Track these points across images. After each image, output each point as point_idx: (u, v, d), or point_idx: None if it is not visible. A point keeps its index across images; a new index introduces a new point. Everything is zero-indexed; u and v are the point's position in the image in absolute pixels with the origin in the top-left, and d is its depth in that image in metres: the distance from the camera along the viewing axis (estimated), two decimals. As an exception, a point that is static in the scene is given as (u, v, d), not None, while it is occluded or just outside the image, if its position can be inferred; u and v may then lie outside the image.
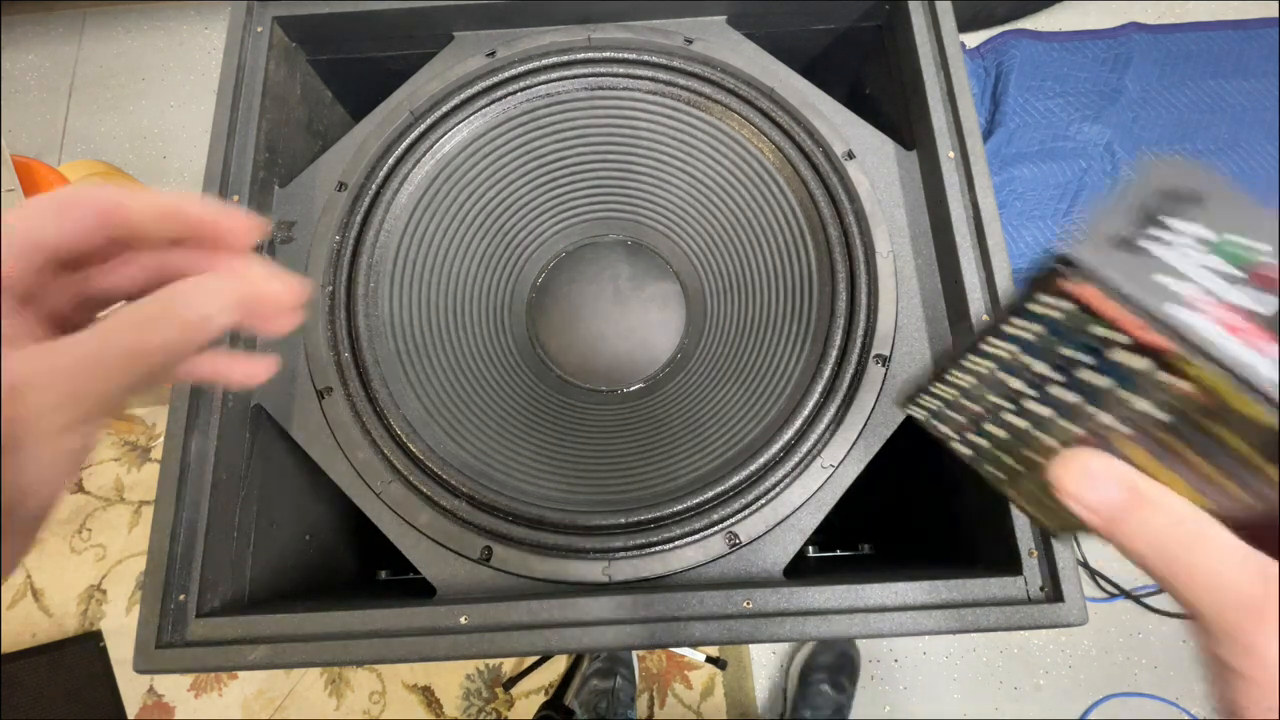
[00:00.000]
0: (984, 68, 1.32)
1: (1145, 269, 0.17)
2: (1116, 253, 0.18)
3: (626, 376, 0.59)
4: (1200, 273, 0.17)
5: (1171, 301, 0.17)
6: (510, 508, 0.46)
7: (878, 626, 0.41)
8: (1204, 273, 0.17)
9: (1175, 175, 0.19)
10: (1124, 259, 0.17)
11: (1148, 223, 0.18)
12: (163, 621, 0.43)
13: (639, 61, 0.56)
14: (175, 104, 1.40)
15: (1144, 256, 0.18)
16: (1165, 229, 0.18)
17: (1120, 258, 0.17)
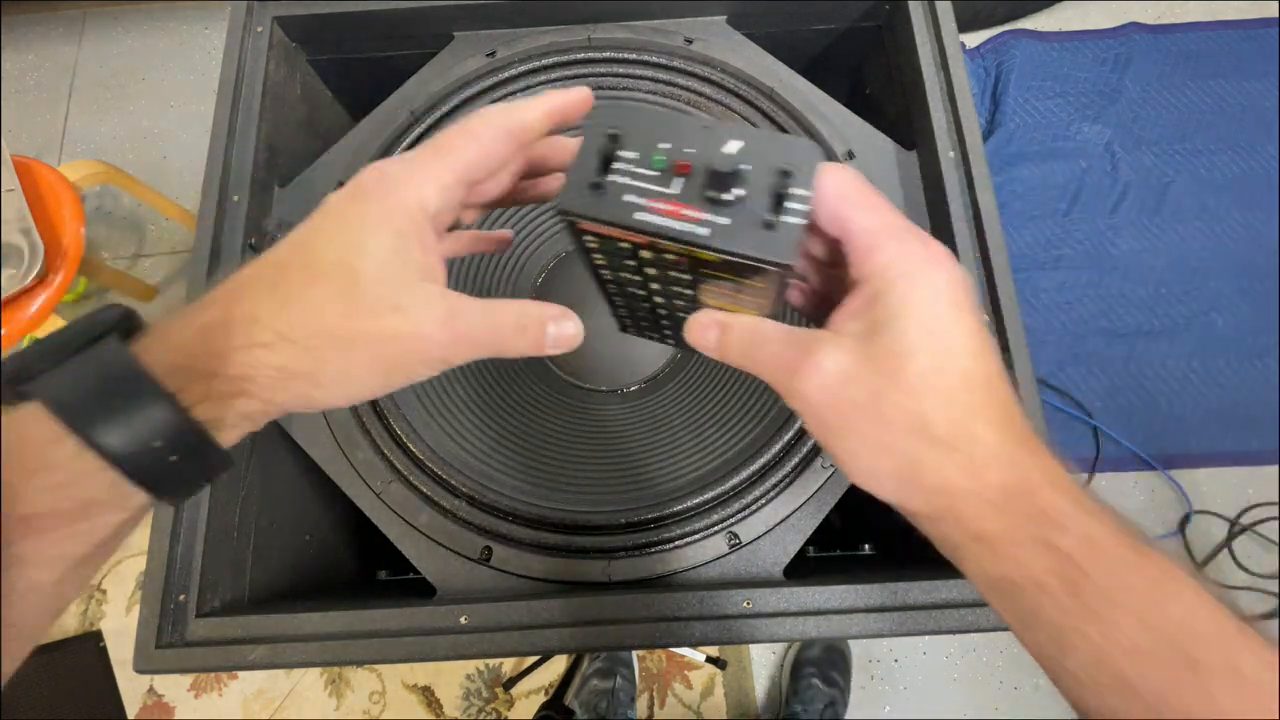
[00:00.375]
0: (984, 68, 1.32)
1: (617, 195, 0.24)
2: (594, 194, 0.24)
3: (626, 376, 0.59)
4: (650, 182, 0.24)
5: (637, 211, 0.24)
6: (510, 508, 0.46)
7: (878, 626, 0.41)
8: (649, 180, 0.24)
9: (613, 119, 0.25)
10: (601, 196, 0.24)
11: (604, 166, 0.25)
12: (163, 621, 0.43)
13: (639, 61, 0.56)
14: (175, 104, 1.40)
15: (612, 189, 0.24)
16: (621, 164, 0.25)
17: (598, 196, 0.24)
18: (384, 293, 0.23)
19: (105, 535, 0.21)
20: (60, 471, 0.20)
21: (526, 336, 0.26)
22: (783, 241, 0.23)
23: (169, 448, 0.21)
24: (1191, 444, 1.10)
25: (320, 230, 0.24)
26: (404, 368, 0.24)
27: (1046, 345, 1.15)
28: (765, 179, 0.24)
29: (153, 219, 1.32)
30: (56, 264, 0.87)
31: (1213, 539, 1.06)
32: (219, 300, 0.23)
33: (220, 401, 0.22)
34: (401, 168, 0.24)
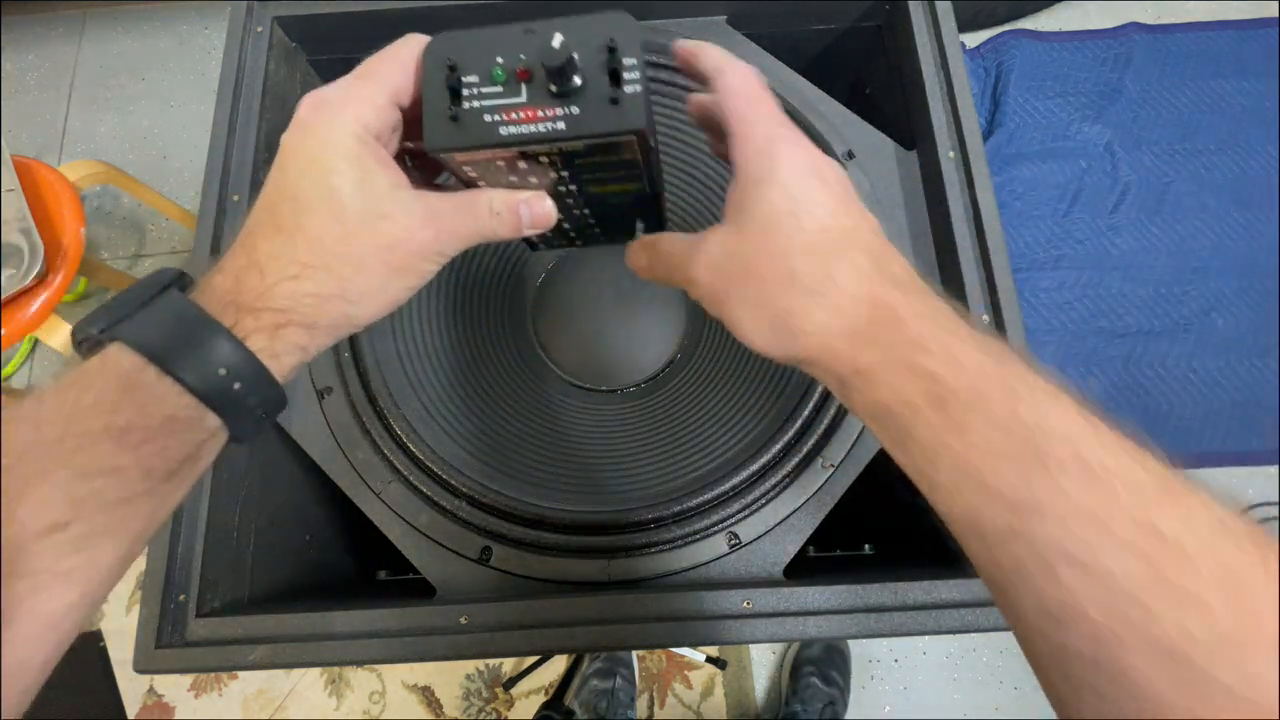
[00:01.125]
0: (984, 68, 1.32)
1: (476, 119, 0.26)
2: (456, 125, 0.26)
3: (626, 376, 0.59)
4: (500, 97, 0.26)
5: (500, 127, 0.26)
6: (510, 508, 0.46)
7: (878, 626, 0.41)
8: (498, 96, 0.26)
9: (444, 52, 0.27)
10: (462, 125, 0.26)
11: (455, 97, 0.26)
12: (163, 621, 0.43)
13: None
14: (175, 104, 1.40)
15: (469, 115, 0.26)
16: (469, 90, 0.26)
17: (460, 125, 0.26)
18: (367, 206, 0.26)
19: (186, 453, 0.25)
20: (145, 392, 0.23)
21: (504, 220, 0.29)
22: (629, 111, 0.26)
23: (232, 375, 0.24)
24: (1191, 444, 1.10)
25: (288, 168, 0.27)
26: (412, 268, 0.27)
27: (1046, 345, 1.15)
28: (597, 59, 0.26)
29: (153, 219, 1.32)
30: (56, 264, 0.87)
31: (1213, 539, 1.06)
32: (240, 249, 0.26)
33: (270, 334, 0.25)
34: (337, 93, 0.27)
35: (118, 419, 0.23)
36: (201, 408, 0.24)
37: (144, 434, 0.23)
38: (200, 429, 0.25)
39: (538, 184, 0.30)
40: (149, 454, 0.23)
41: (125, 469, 0.23)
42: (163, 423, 0.24)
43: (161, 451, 0.24)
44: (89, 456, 0.22)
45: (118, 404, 0.23)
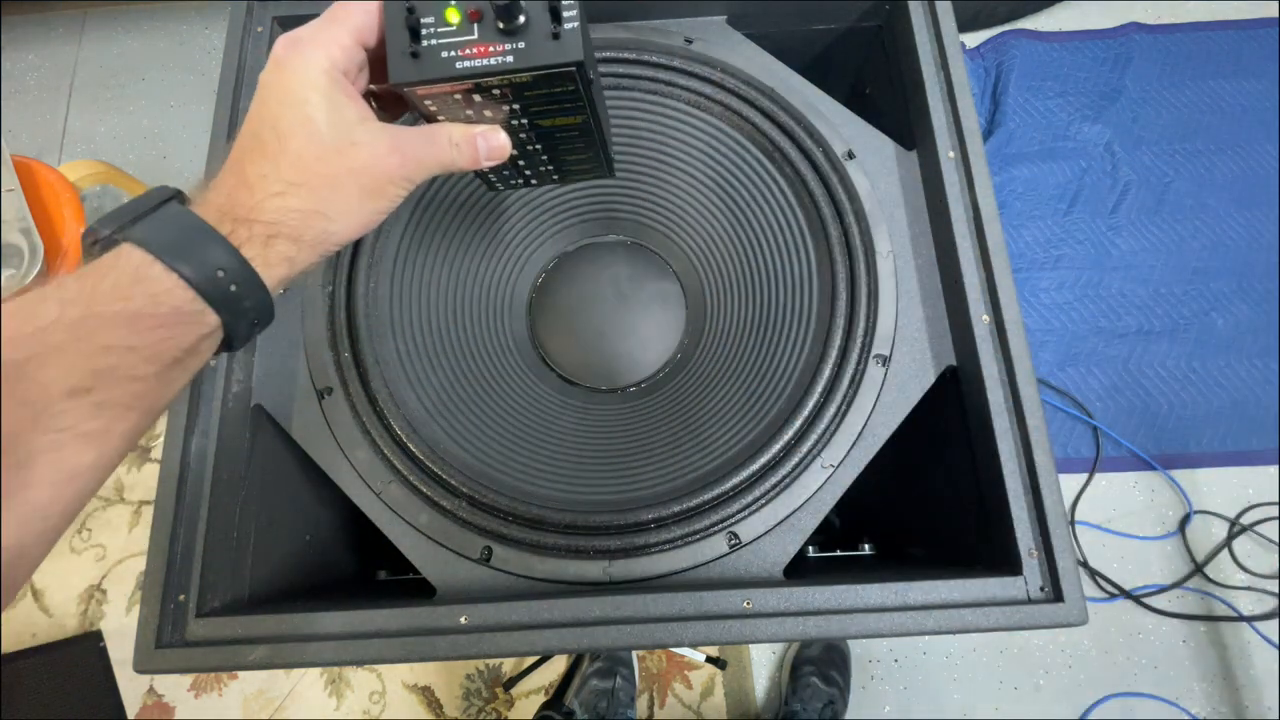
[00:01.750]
0: (984, 68, 1.32)
1: (435, 55, 0.30)
2: (417, 61, 0.30)
3: (627, 376, 0.59)
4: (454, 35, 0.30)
5: (457, 61, 0.30)
6: (510, 508, 0.46)
7: (878, 626, 0.41)
8: (453, 34, 0.30)
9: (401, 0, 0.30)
10: (422, 61, 0.30)
11: (414, 36, 0.30)
12: (163, 621, 0.43)
13: (639, 61, 0.56)
14: (175, 104, 1.40)
15: (428, 52, 0.30)
16: (426, 29, 0.30)
17: (421, 61, 0.30)
18: (339, 133, 0.29)
19: (189, 344, 0.27)
20: (154, 284, 0.26)
21: (463, 150, 0.33)
22: (568, 44, 0.29)
23: (229, 277, 0.27)
24: (1191, 444, 1.10)
25: (268, 100, 0.30)
26: (382, 190, 0.31)
27: (1046, 345, 1.15)
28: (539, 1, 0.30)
29: (153, 219, 1.32)
30: (56, 264, 0.87)
31: (1213, 539, 1.06)
32: (229, 172, 0.29)
33: (263, 243, 0.28)
34: (308, 33, 0.30)
35: (131, 305, 0.25)
36: (202, 303, 0.27)
37: (154, 320, 0.26)
38: (202, 323, 0.27)
39: (492, 118, 0.34)
40: (158, 339, 0.26)
41: (138, 349, 0.26)
42: (170, 312, 0.26)
43: (169, 339, 0.26)
44: (108, 334, 0.25)
45: (130, 293, 0.26)
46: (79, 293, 0.25)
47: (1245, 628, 1.01)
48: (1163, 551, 1.06)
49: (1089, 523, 1.07)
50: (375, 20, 0.31)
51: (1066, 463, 1.10)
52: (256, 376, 0.51)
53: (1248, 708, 0.98)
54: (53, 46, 1.45)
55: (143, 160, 1.35)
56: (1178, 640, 1.02)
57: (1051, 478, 0.44)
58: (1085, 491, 1.09)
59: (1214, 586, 1.03)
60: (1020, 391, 0.45)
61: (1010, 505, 0.44)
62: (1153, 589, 1.04)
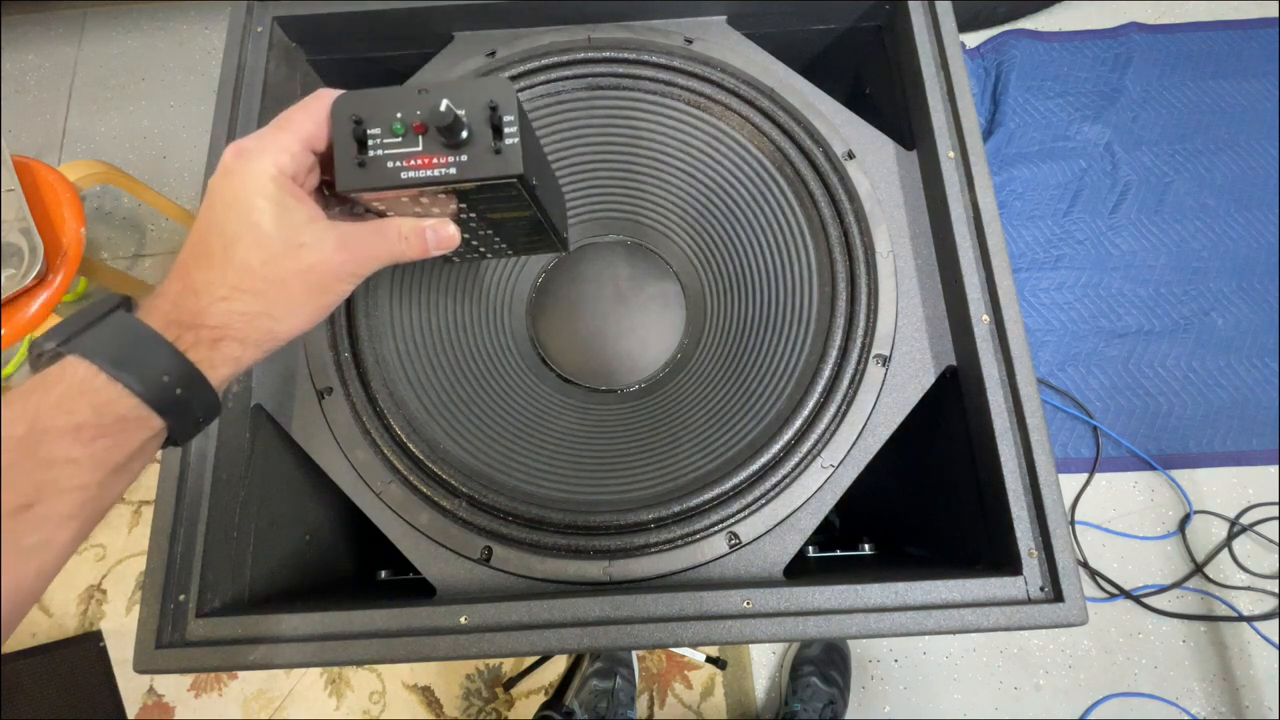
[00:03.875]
0: (984, 68, 1.32)
1: (381, 165, 0.31)
2: (363, 170, 0.31)
3: (627, 376, 0.59)
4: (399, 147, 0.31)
5: (402, 172, 0.31)
6: (510, 508, 0.46)
7: (878, 626, 0.41)
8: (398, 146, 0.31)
9: (351, 108, 0.31)
10: (369, 170, 0.31)
11: (361, 146, 0.31)
12: (163, 621, 0.43)
13: (639, 61, 0.56)
14: (175, 104, 1.40)
15: (374, 162, 0.31)
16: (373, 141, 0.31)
17: (367, 170, 0.31)
18: (286, 236, 0.30)
19: (133, 449, 0.28)
20: (99, 395, 0.27)
21: (411, 243, 0.34)
22: (509, 158, 0.31)
23: (174, 381, 0.28)
24: (1191, 444, 1.10)
25: (215, 206, 0.30)
26: (328, 287, 0.32)
27: (1046, 345, 1.15)
28: (481, 115, 0.31)
29: (153, 219, 1.32)
30: (56, 264, 0.87)
31: (1213, 539, 1.06)
32: (175, 278, 0.30)
33: (208, 346, 0.29)
34: (255, 142, 0.31)
35: (75, 418, 0.26)
36: (147, 409, 0.28)
37: (97, 431, 0.27)
38: (146, 428, 0.28)
39: (441, 213, 0.35)
40: (101, 448, 0.27)
41: (80, 460, 0.26)
42: (114, 422, 0.27)
43: (113, 447, 0.27)
44: (51, 448, 0.26)
45: (75, 405, 0.26)
46: (23, 410, 0.26)
47: (1245, 628, 1.01)
48: (1163, 551, 1.06)
49: (1089, 523, 1.07)
50: (324, 128, 0.32)
51: (1066, 463, 1.10)
52: (256, 377, 0.51)
53: (1248, 708, 0.98)
54: (53, 46, 1.45)
55: (143, 160, 1.35)
56: (1178, 640, 1.02)
57: (1051, 478, 0.44)
58: (1085, 491, 1.09)
59: (1214, 586, 1.03)
60: (1020, 391, 0.45)
61: (1010, 505, 0.44)
62: (1153, 589, 1.04)
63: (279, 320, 0.31)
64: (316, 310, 0.32)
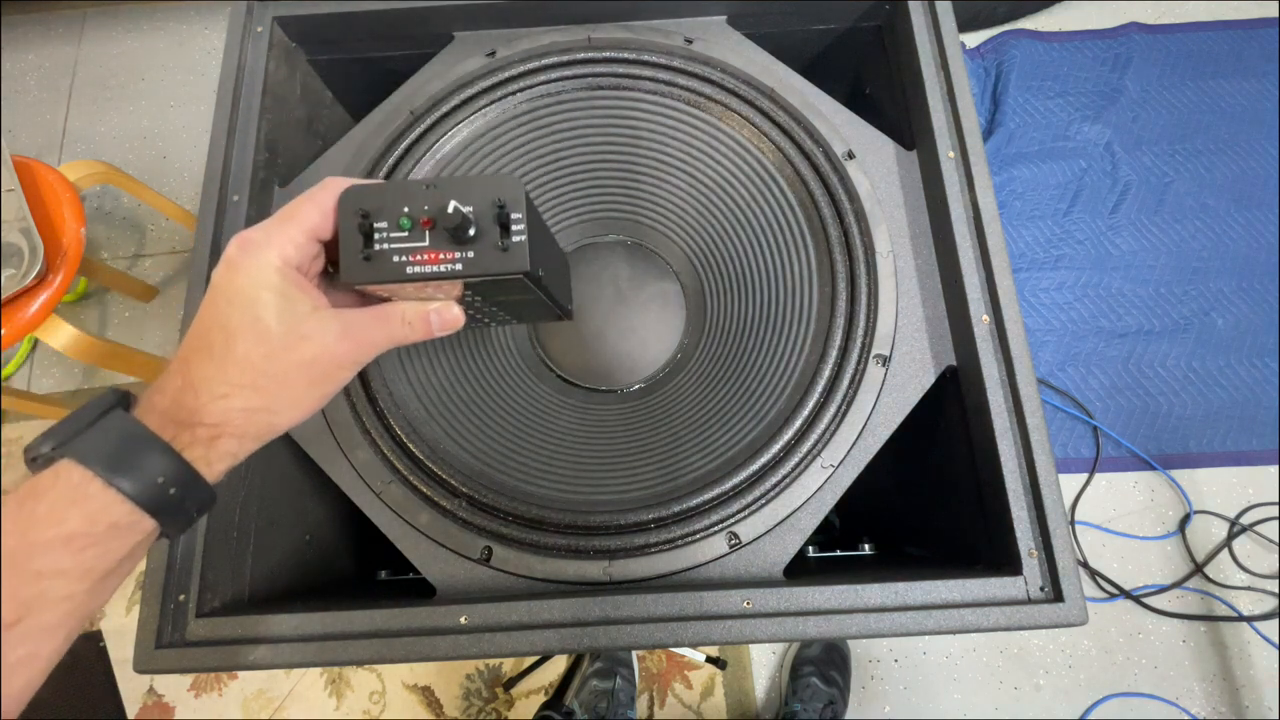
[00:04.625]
0: (984, 68, 1.32)
1: (387, 259, 0.31)
2: (369, 264, 0.31)
3: (627, 376, 0.59)
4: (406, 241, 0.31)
5: (408, 266, 0.31)
6: (510, 508, 0.46)
7: (878, 626, 0.41)
8: (405, 240, 0.31)
9: (358, 202, 0.31)
10: (374, 264, 0.31)
11: (367, 240, 0.31)
12: (163, 621, 0.43)
13: (639, 61, 0.56)
14: (175, 104, 1.40)
15: (380, 256, 0.31)
16: (380, 234, 0.31)
17: (373, 264, 0.31)
18: (288, 329, 0.30)
19: (123, 554, 0.28)
20: (92, 502, 0.27)
21: (416, 328, 0.33)
22: (516, 256, 0.31)
23: (169, 483, 0.28)
24: (1191, 444, 1.10)
25: (218, 300, 0.30)
26: (329, 378, 0.32)
27: (1046, 345, 1.15)
28: (489, 213, 0.31)
29: (153, 219, 1.32)
30: (56, 264, 0.87)
31: (1213, 539, 1.06)
32: (176, 373, 0.30)
33: (205, 444, 0.29)
34: (261, 234, 0.31)
35: (65, 528, 0.26)
36: (141, 513, 0.28)
37: (88, 539, 0.26)
38: (138, 532, 0.28)
39: (445, 296, 0.34)
40: (91, 557, 0.27)
41: (69, 571, 0.26)
42: (106, 529, 0.27)
43: (103, 554, 0.27)
44: (41, 561, 0.26)
45: (66, 515, 0.26)
46: (15, 521, 0.26)
47: (1245, 628, 1.01)
48: (1163, 551, 1.06)
49: (1089, 523, 1.07)
50: (330, 218, 0.31)
51: (1066, 463, 1.10)
52: (256, 376, 0.51)
53: (1248, 708, 0.98)
54: (53, 46, 1.45)
55: (143, 160, 1.35)
56: (1178, 640, 1.02)
57: (1051, 478, 0.44)
58: (1085, 491, 1.09)
59: (1214, 586, 1.03)
60: (1020, 391, 0.45)
61: (1010, 505, 0.44)
62: (1153, 589, 1.04)
63: (278, 414, 0.31)
64: (317, 400, 0.32)
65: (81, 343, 0.92)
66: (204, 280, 0.50)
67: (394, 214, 0.31)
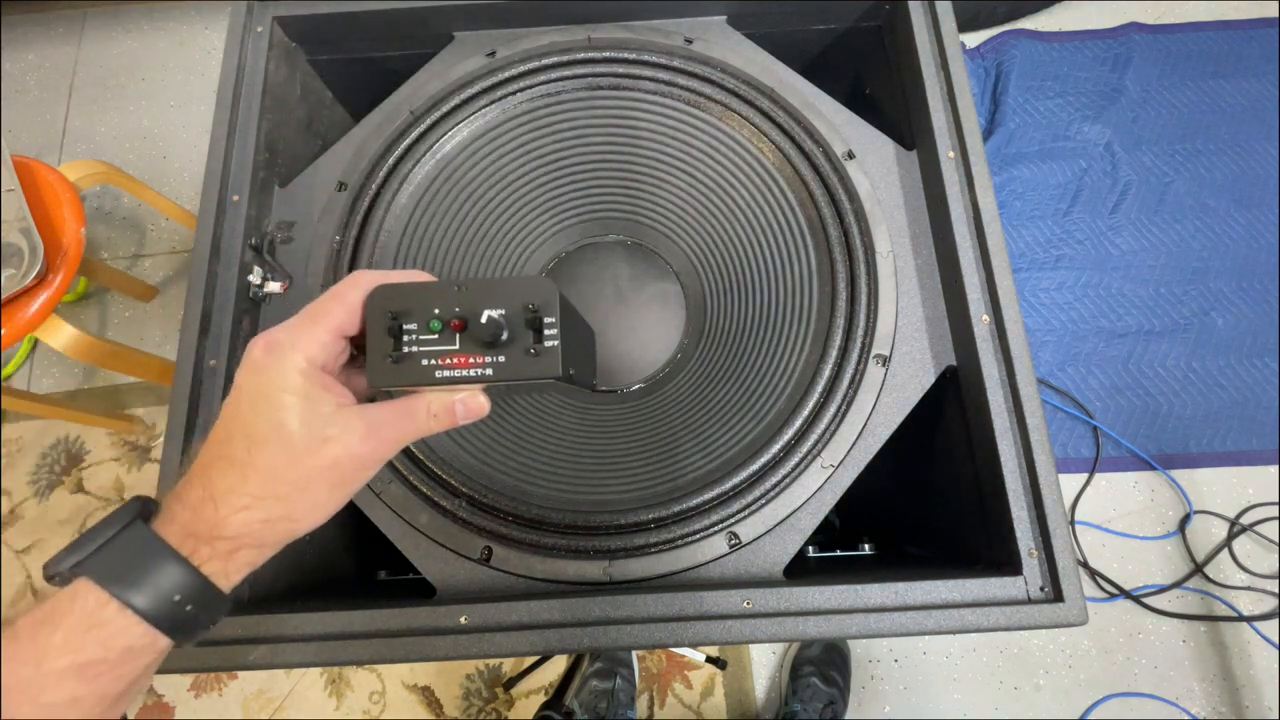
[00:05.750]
0: (984, 68, 1.32)
1: (415, 362, 0.30)
2: (397, 366, 0.30)
3: (627, 376, 0.59)
4: (435, 344, 0.30)
5: (436, 370, 0.30)
6: (510, 508, 0.46)
7: (878, 626, 0.41)
8: (434, 343, 0.30)
9: (386, 302, 0.30)
10: (402, 366, 0.30)
11: (396, 342, 0.30)
12: (163, 621, 0.42)
13: (639, 61, 0.56)
14: (175, 104, 1.40)
15: (409, 359, 0.30)
16: (409, 337, 0.30)
17: (401, 366, 0.30)
18: (311, 432, 0.29)
19: (137, 674, 0.28)
20: (108, 627, 0.27)
21: (440, 419, 0.32)
22: (548, 361, 0.30)
23: (186, 600, 0.28)
24: (1191, 444, 1.10)
25: (240, 404, 0.30)
26: (350, 480, 0.31)
27: (1046, 345, 1.15)
28: (521, 316, 0.30)
29: (153, 219, 1.32)
30: (56, 264, 0.87)
31: (1213, 539, 1.06)
32: (198, 481, 0.29)
33: (224, 558, 0.29)
34: (286, 335, 0.30)
35: (81, 656, 0.26)
36: (156, 633, 0.28)
37: (104, 665, 0.27)
38: (153, 651, 0.28)
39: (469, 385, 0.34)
40: (105, 683, 0.27)
41: (83, 699, 0.27)
42: (121, 654, 0.27)
43: (117, 679, 0.27)
44: (54, 693, 0.26)
45: (82, 642, 0.27)
46: (31, 649, 0.26)
47: (1245, 628, 1.01)
48: (1163, 551, 1.06)
49: (1089, 523, 1.07)
50: (356, 316, 0.31)
51: (1066, 463, 1.10)
52: (256, 376, 0.51)
53: (1248, 708, 0.98)
54: (53, 46, 1.45)
55: (143, 160, 1.35)
56: (1178, 640, 1.02)
57: (1051, 478, 0.44)
58: (1085, 491, 1.09)
59: (1214, 586, 1.03)
60: (1020, 391, 0.45)
61: (1010, 505, 0.44)
62: (1153, 589, 1.04)
63: (298, 521, 0.31)
64: (337, 503, 0.32)
65: (81, 343, 0.92)
66: (204, 280, 0.50)
67: (424, 316, 0.30)
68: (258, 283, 0.52)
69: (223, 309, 0.50)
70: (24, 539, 1.12)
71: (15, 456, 1.17)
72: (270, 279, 0.53)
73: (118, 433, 1.17)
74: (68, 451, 1.17)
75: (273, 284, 0.53)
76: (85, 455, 1.16)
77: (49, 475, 1.15)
